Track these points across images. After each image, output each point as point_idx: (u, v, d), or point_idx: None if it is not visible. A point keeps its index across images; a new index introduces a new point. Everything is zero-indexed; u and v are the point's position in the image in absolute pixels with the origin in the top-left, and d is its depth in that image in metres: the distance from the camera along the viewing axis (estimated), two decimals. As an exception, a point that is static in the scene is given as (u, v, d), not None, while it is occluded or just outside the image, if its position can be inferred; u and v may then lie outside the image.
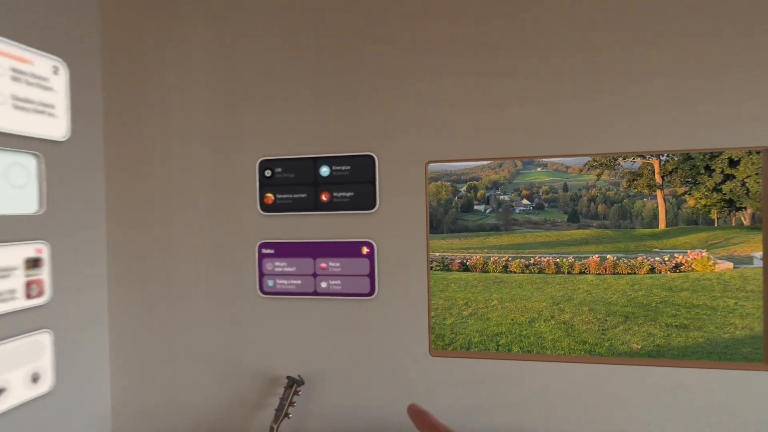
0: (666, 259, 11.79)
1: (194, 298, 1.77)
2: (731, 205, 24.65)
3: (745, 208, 24.81)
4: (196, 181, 1.76)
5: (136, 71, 1.79)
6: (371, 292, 1.60)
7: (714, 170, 23.34)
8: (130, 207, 1.81)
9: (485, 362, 1.52)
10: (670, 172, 30.02)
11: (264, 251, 1.70)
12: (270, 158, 1.68)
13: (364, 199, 1.60)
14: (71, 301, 1.64)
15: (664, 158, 29.50)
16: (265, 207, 1.69)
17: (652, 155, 27.02)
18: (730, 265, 11.51)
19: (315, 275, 1.65)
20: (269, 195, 1.69)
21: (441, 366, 1.55)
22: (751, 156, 21.31)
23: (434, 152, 1.54)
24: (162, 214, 1.79)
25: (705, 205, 26.40)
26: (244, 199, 1.72)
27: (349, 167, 1.61)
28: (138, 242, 1.81)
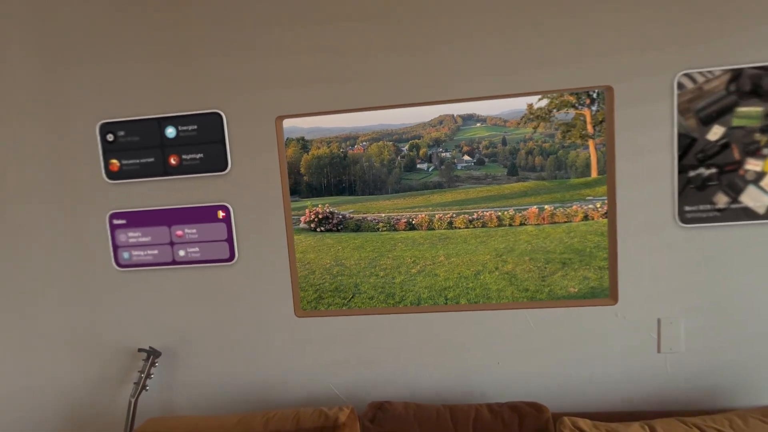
0: (598, 206, 12.70)
1: (45, 278, 1.68)
2: (653, 151, 26.53)
3: (665, 153, 26.76)
4: (29, 155, 1.62)
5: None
6: (231, 258, 1.59)
7: (639, 119, 24.81)
8: None
9: (350, 319, 1.59)
10: (601, 122, 31.83)
11: (116, 222, 1.63)
12: (111, 121, 1.58)
13: (215, 161, 1.55)
14: None
15: (594, 108, 31.14)
16: (111, 174, 1.60)
17: (582, 96, 28.41)
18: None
19: (172, 244, 1.61)
20: (114, 161, 1.60)
21: (308, 326, 1.60)
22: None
23: (285, 106, 1.51)
24: (5, 187, 1.64)
25: (631, 153, 28.19)
26: (86, 167, 1.61)
27: (195, 127, 1.55)
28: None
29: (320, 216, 12.58)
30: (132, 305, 1.66)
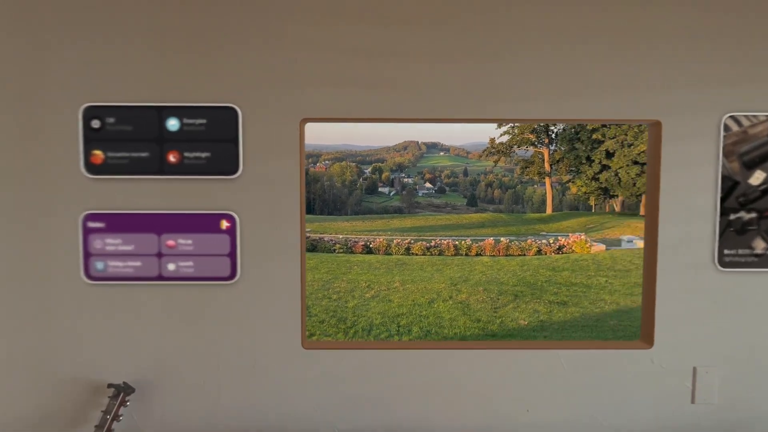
0: (551, 241, 13.21)
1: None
2: (606, 193, 28.43)
3: (617, 196, 28.80)
4: None
5: None
6: (232, 276, 1.37)
7: (593, 161, 26.61)
8: None
9: (362, 353, 1.40)
10: (558, 161, 33.55)
11: (90, 225, 1.37)
12: (98, 104, 1.34)
13: (224, 162, 1.35)
14: None
15: (552, 147, 32.85)
16: (93, 168, 1.36)
17: (542, 135, 29.89)
18: (603, 247, 13.28)
19: (160, 255, 1.37)
20: (97, 152, 1.36)
21: (316, 359, 1.40)
22: (623, 149, 24.67)
23: (312, 108, 1.35)
24: None
25: (585, 193, 30.08)
26: (61, 157, 1.35)
27: (205, 121, 1.35)
28: None
29: (277, 234, 12.10)
30: (102, 327, 1.39)
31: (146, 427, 1.39)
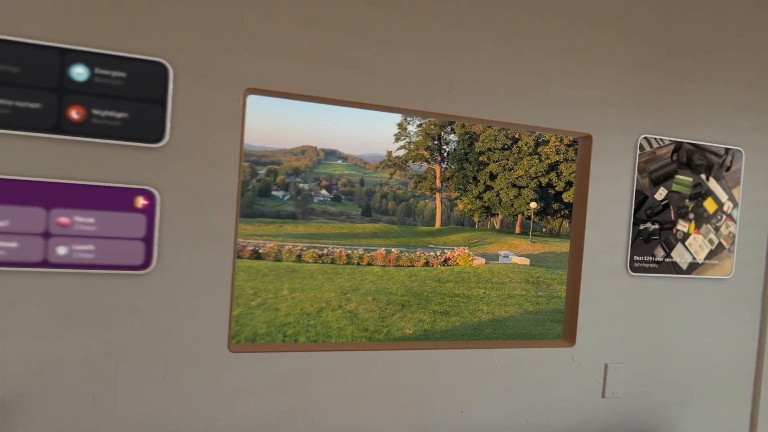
0: (438, 254, 13.97)
1: None
2: (488, 211, 31.14)
3: (497, 214, 31.67)
4: None
5: None
6: (146, 264, 1.14)
7: (479, 181, 29.02)
8: None
9: (293, 356, 1.27)
10: (448, 179, 35.93)
11: (-57, 191, 1.04)
12: (-31, 34, 1.03)
13: (147, 126, 1.13)
14: None
15: (444, 165, 35.05)
16: (-48, 115, 1.03)
17: (435, 152, 31.59)
18: (483, 261, 14.44)
19: (47, 235, 1.09)
20: (-38, 96, 1.04)
21: (242, 365, 1.22)
22: (505, 172, 27.28)
23: (258, 78, 1.19)
24: None
25: (470, 210, 32.63)
26: None
27: (124, 75, 1.11)
28: None
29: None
30: (-51, 326, 1.05)
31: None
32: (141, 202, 1.14)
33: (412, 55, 1.32)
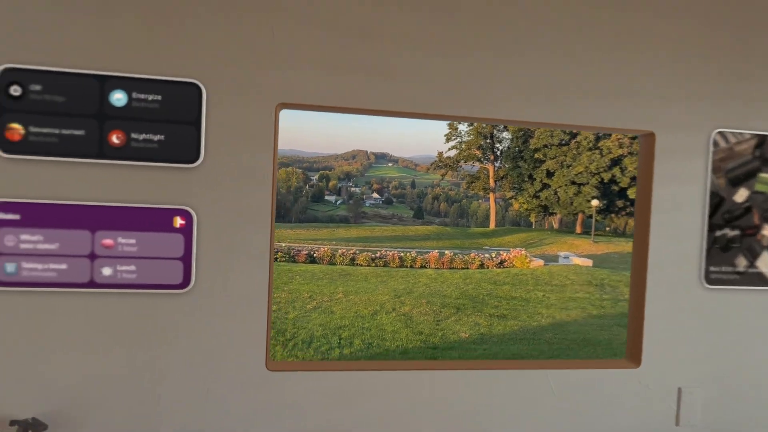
0: (493, 255, 13.59)
1: None
2: (546, 210, 29.97)
3: (555, 213, 30.42)
4: None
5: None
6: (185, 284, 1.16)
7: (535, 179, 28.00)
8: None
9: (336, 375, 1.23)
10: (502, 178, 34.94)
11: (1, 216, 1.10)
12: (20, 67, 1.09)
13: (182, 148, 1.14)
14: None
15: (497, 164, 34.14)
16: (8, 145, 1.10)
17: (488, 151, 30.78)
18: (542, 262, 13.89)
19: (93, 257, 1.13)
20: (15, 126, 1.10)
21: (282, 383, 1.21)
22: (563, 169, 26.13)
23: (289, 93, 1.18)
24: None
25: (526, 209, 31.55)
26: (-35, 128, 1.08)
27: (159, 98, 1.13)
28: None
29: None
30: (9, 345, 1.12)
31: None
32: (179, 221, 1.15)
33: (451, 58, 1.25)
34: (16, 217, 1.11)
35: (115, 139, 1.12)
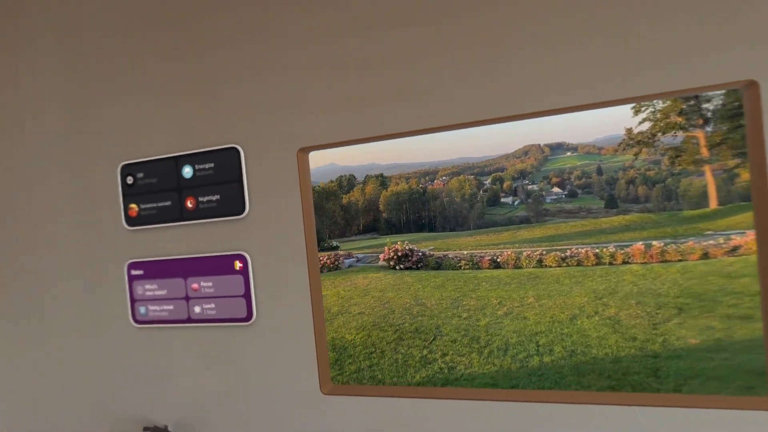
0: (721, 241, 11.09)
1: (64, 332, 1.59)
2: (790, 175, 22.97)
3: (806, 177, 22.97)
4: (53, 200, 1.58)
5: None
6: (248, 317, 1.37)
7: (767, 138, 21.79)
8: (1, 232, 1.64)
9: (393, 402, 1.26)
10: (718, 144, 28.35)
11: (133, 272, 1.50)
12: (131, 162, 1.48)
13: (232, 203, 1.37)
14: None
15: (709, 129, 27.91)
16: (130, 220, 1.49)
17: (693, 115, 25.31)
18: (792, 243, 10.67)
19: (187, 298, 1.44)
20: (133, 206, 1.49)
21: (337, 407, 1.30)
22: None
23: (308, 136, 1.29)
24: (26, 236, 1.62)
25: (760, 178, 24.67)
26: (107, 213, 1.52)
27: (212, 165, 1.38)
28: (9, 269, 1.64)
29: (399, 254, 12.39)
30: (148, 369, 1.50)
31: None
32: (238, 264, 1.37)
33: (488, 55, 1.17)
34: (141, 272, 1.49)
35: (189, 204, 1.42)
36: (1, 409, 1.66)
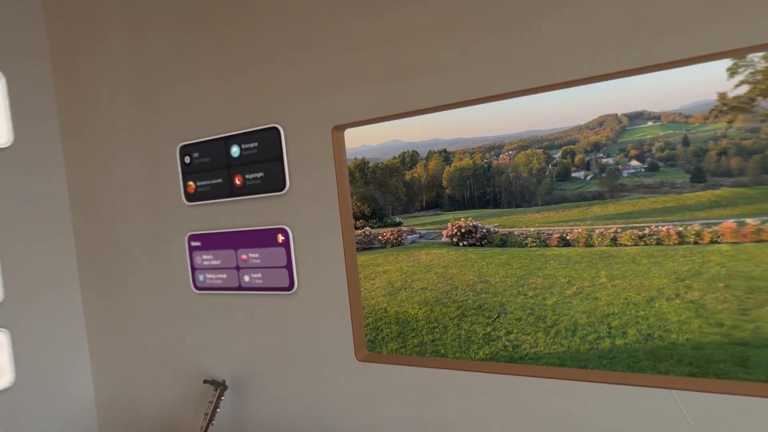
0: None
1: (141, 298, 1.80)
2: None
3: None
4: (131, 176, 1.77)
5: (75, 76, 1.84)
6: (290, 286, 1.47)
7: None
8: (90, 205, 1.88)
9: (424, 371, 1.31)
10: (834, 108, 24.58)
11: (193, 244, 1.66)
12: (188, 143, 1.62)
13: (274, 180, 1.46)
14: (32, 299, 1.76)
15: (822, 91, 24.16)
16: (189, 196, 1.64)
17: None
18: None
19: (238, 268, 1.57)
20: (191, 183, 1.63)
21: (370, 373, 1.37)
22: None
23: (341, 114, 1.34)
24: (111, 209, 1.84)
25: None
26: (170, 189, 1.68)
27: (256, 144, 1.48)
28: (97, 239, 1.88)
29: (463, 230, 12.30)
30: (205, 330, 1.67)
31: (243, 417, 1.60)
32: (280, 238, 1.47)
33: (488, 38, 1.15)
34: (199, 243, 1.65)
35: (237, 181, 1.53)
36: (94, 358, 1.93)
